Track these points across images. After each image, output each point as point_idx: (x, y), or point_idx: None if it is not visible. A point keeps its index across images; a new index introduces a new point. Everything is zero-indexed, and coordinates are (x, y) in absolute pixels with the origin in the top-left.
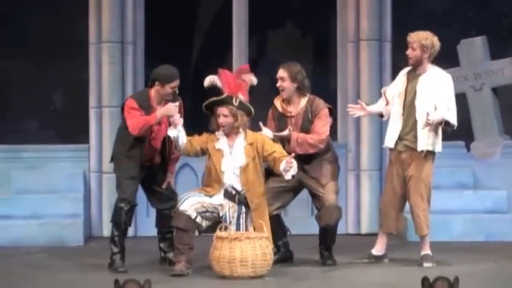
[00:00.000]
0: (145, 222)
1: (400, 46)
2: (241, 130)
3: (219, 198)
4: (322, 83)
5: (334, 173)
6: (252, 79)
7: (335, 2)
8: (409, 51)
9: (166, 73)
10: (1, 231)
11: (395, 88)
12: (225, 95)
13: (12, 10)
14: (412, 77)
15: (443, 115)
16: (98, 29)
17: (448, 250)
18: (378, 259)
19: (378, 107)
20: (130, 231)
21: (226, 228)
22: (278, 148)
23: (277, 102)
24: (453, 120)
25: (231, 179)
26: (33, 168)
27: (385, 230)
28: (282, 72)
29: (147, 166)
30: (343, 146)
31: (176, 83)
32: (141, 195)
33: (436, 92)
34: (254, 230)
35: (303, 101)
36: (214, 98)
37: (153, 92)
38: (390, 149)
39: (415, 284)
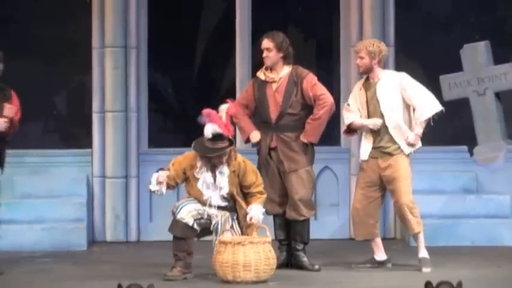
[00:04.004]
0: (148, 227)
1: (403, 51)
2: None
3: (211, 209)
4: (325, 87)
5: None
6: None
7: (338, 6)
8: (358, 61)
9: None
10: (5, 236)
11: (356, 102)
12: (226, 143)
13: (16, 14)
14: (368, 86)
15: (427, 116)
16: (101, 34)
17: (451, 254)
18: (381, 264)
19: (358, 118)
20: (133, 236)
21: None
22: (256, 181)
23: (261, 73)
24: (437, 109)
25: (217, 201)
26: (36, 173)
27: (360, 236)
28: (267, 43)
29: None
30: (346, 151)
31: None
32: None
33: (400, 95)
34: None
35: (287, 68)
36: (218, 153)
37: None
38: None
39: None
